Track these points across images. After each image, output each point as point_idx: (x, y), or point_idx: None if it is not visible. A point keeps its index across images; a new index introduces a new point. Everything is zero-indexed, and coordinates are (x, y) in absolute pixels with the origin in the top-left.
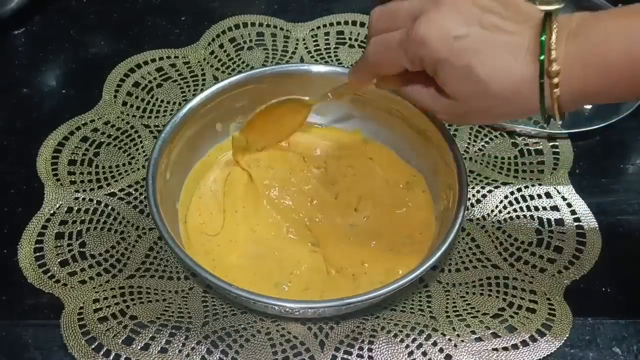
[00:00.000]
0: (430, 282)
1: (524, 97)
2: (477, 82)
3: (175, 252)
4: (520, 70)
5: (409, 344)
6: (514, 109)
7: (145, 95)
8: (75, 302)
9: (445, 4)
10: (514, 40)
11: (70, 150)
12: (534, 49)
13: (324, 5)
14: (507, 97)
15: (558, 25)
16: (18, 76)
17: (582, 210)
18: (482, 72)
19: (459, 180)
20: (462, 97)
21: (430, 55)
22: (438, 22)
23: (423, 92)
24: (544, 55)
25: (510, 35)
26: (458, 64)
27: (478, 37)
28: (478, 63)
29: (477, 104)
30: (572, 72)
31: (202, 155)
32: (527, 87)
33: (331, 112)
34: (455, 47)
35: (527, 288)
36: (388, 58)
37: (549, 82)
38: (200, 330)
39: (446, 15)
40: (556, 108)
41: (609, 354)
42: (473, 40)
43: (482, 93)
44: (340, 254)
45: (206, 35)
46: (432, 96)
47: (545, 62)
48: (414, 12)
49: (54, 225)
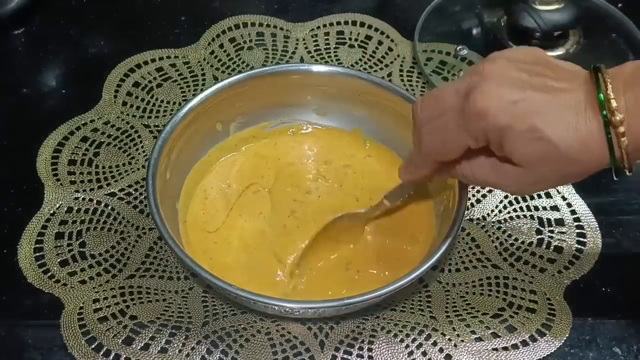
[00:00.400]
0: (430, 282)
1: (594, 153)
2: (546, 143)
3: (175, 252)
4: (585, 126)
5: (409, 344)
6: (584, 166)
7: (145, 95)
8: (75, 302)
9: (493, 74)
10: (571, 98)
11: (70, 150)
12: (592, 103)
13: (324, 5)
14: (577, 154)
15: (610, 76)
16: (18, 76)
17: (582, 210)
18: (549, 132)
19: (459, 180)
20: (530, 162)
21: (493, 125)
22: (492, 92)
23: (486, 169)
24: (605, 107)
25: (565, 93)
26: (523, 128)
27: (536, 98)
28: (542, 123)
29: (547, 166)
30: (635, 120)
31: (202, 155)
32: (595, 141)
33: (331, 112)
34: (516, 111)
35: (527, 288)
36: (448, 142)
37: (615, 132)
38: (200, 330)
39: (498, 83)
40: (625, 158)
41: (609, 354)
42: (532, 102)
43: (551, 154)
44: (340, 254)
45: (206, 35)
46: (496, 170)
47: (607, 113)
48: (462, 91)
49: (54, 225)
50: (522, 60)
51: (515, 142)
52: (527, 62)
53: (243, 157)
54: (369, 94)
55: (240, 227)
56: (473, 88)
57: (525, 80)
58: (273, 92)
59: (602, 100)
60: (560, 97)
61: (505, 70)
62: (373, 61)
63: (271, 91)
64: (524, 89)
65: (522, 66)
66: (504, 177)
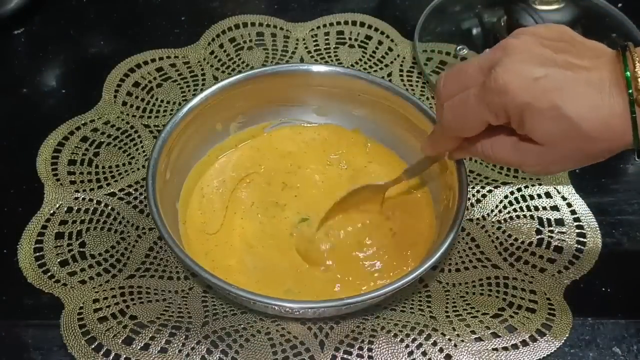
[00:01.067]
0: (430, 282)
1: (617, 132)
2: (566, 121)
3: (175, 252)
4: (609, 105)
5: (409, 344)
6: (606, 146)
7: (145, 95)
8: (75, 302)
9: (515, 50)
10: (594, 76)
11: (70, 150)
12: (618, 82)
13: (324, 5)
14: (599, 133)
15: (638, 56)
16: (18, 76)
17: (582, 210)
18: (570, 110)
19: (459, 180)
20: (551, 140)
21: (513, 101)
22: (515, 68)
23: (507, 147)
24: (631, 86)
25: (589, 71)
26: (544, 106)
27: (558, 76)
28: (564, 101)
29: (568, 145)
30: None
31: (202, 155)
32: (618, 121)
33: (331, 112)
34: (537, 89)
35: (527, 288)
36: (469, 117)
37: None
38: (200, 330)
39: (520, 59)
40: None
41: (609, 354)
42: (554, 80)
43: (572, 132)
44: (340, 253)
45: (206, 35)
46: (516, 149)
47: (634, 92)
48: (485, 66)
49: (54, 225)
50: (547, 37)
51: (536, 119)
52: (552, 38)
53: (239, 152)
54: (369, 94)
55: (239, 226)
56: (496, 63)
57: (549, 57)
58: (273, 92)
59: (628, 78)
60: (584, 74)
61: (528, 46)
62: (373, 61)
63: (271, 91)
64: (547, 65)
65: (547, 42)
66: (525, 155)
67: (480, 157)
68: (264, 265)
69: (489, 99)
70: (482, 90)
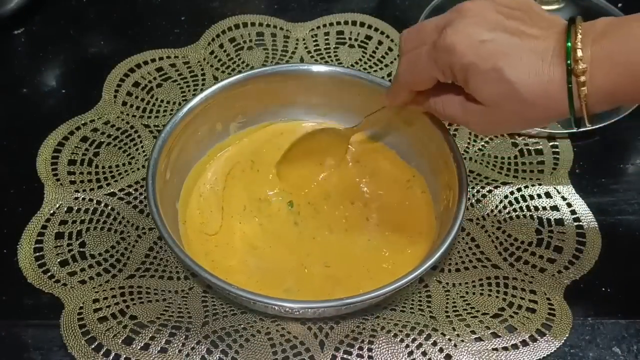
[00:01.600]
0: (430, 282)
1: (553, 100)
2: (507, 84)
3: (175, 252)
4: (549, 73)
5: (409, 344)
6: (544, 112)
7: (145, 95)
8: (75, 302)
9: (469, 12)
10: (539, 45)
11: (70, 150)
12: (560, 52)
13: (324, 5)
14: (537, 99)
15: (582, 29)
16: (18, 76)
17: (582, 210)
18: (510, 74)
19: (459, 180)
20: (492, 101)
21: (459, 61)
22: (464, 30)
23: (455, 105)
24: (570, 56)
25: (536, 40)
26: (487, 67)
27: (504, 41)
28: (506, 65)
29: (508, 107)
30: (598, 72)
31: (202, 155)
32: (556, 88)
33: (331, 112)
34: (482, 51)
35: (527, 288)
36: (419, 72)
37: (576, 81)
38: (200, 330)
39: (471, 22)
40: (584, 109)
41: (609, 354)
42: (500, 44)
43: (512, 95)
44: (340, 254)
45: (206, 35)
46: (463, 107)
47: (571, 62)
48: (440, 25)
49: (54, 225)
50: (504, 4)
51: (478, 80)
52: (509, 6)
53: (235, 148)
54: (369, 94)
55: (239, 230)
56: (448, 24)
57: (500, 23)
58: (273, 92)
59: (569, 48)
60: (529, 42)
61: (482, 10)
62: (373, 61)
63: (271, 91)
64: (496, 30)
65: (502, 9)
66: (470, 114)
67: (433, 113)
68: (267, 265)
69: (437, 56)
70: (432, 48)
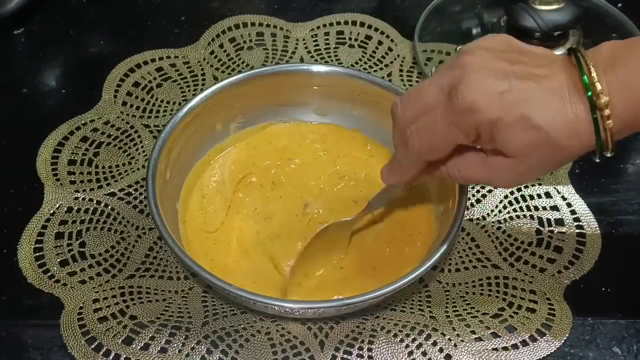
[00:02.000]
0: (430, 282)
1: (582, 136)
2: (537, 130)
3: (175, 252)
4: (572, 111)
5: (409, 344)
6: (573, 151)
7: (145, 95)
8: (75, 302)
9: (475, 66)
10: (552, 84)
11: (70, 150)
12: (575, 87)
13: (324, 5)
14: (567, 139)
15: (591, 60)
16: (18, 76)
17: (582, 210)
18: (539, 119)
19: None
20: (522, 151)
21: (484, 118)
22: (479, 84)
23: (475, 165)
24: (590, 90)
25: (547, 80)
26: (514, 118)
27: (521, 87)
28: (531, 111)
29: (539, 154)
30: (618, 103)
31: (202, 155)
32: (583, 125)
33: (331, 112)
34: (505, 103)
35: (527, 288)
36: (438, 139)
37: (601, 114)
38: (200, 330)
39: (482, 76)
40: (609, 140)
41: (609, 354)
42: (519, 91)
43: (542, 141)
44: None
45: (206, 35)
46: (485, 166)
47: (593, 96)
48: (446, 86)
49: (54, 225)
50: (499, 49)
51: (507, 133)
52: (503, 50)
53: (237, 150)
54: (369, 94)
55: (238, 228)
56: (458, 82)
57: (507, 70)
58: (273, 92)
59: (586, 83)
60: (544, 83)
61: (485, 61)
62: (373, 61)
63: (271, 91)
64: (508, 78)
65: (501, 55)
66: (495, 171)
67: (445, 180)
68: (259, 271)
69: (457, 119)
70: (449, 110)
